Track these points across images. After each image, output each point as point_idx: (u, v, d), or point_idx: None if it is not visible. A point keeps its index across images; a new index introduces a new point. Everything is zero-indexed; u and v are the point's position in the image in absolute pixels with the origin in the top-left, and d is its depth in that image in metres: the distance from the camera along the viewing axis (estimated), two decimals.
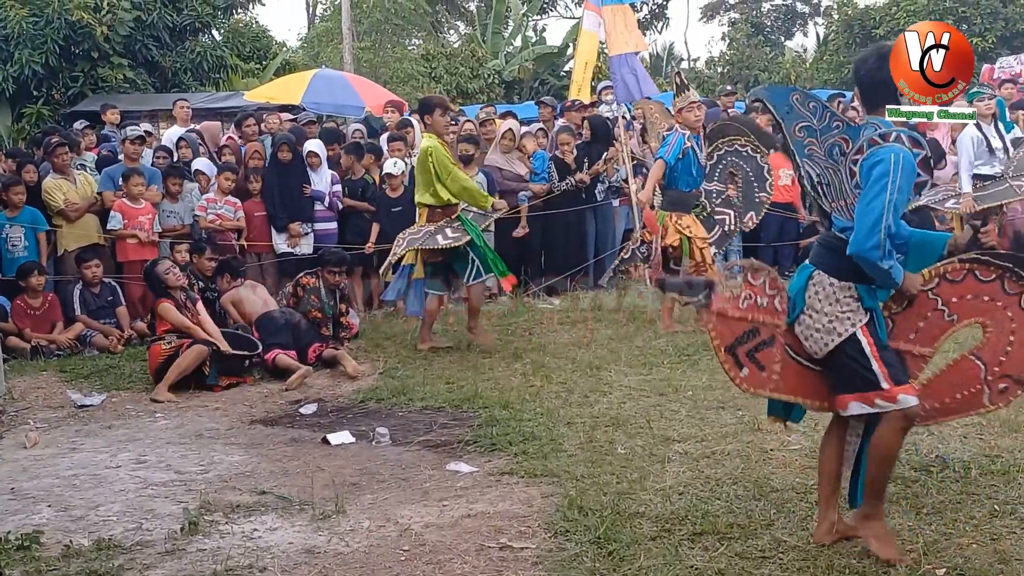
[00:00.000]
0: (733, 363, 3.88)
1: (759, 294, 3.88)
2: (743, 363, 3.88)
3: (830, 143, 3.79)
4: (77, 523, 4.63)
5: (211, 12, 17.97)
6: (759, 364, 3.88)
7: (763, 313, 3.88)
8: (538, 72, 26.81)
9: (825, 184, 3.81)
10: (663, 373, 7.00)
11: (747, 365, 3.88)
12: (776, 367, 3.88)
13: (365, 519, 4.51)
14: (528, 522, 4.36)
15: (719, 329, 3.87)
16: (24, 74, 15.68)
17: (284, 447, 5.85)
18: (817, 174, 3.82)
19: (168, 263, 7.88)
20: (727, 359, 3.89)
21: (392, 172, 10.05)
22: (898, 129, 3.67)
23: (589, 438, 5.53)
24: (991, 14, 25.60)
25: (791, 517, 4.25)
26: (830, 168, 3.79)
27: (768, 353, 3.88)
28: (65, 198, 9.29)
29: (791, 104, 3.87)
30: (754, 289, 3.89)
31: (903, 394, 3.66)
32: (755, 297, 3.88)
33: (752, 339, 3.87)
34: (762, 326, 3.88)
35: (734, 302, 3.87)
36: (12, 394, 7.26)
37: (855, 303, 3.73)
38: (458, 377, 7.24)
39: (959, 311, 3.83)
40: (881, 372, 3.68)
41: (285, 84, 15.67)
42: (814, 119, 3.82)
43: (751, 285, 3.89)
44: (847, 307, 3.73)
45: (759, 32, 37.91)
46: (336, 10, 29.70)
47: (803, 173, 3.85)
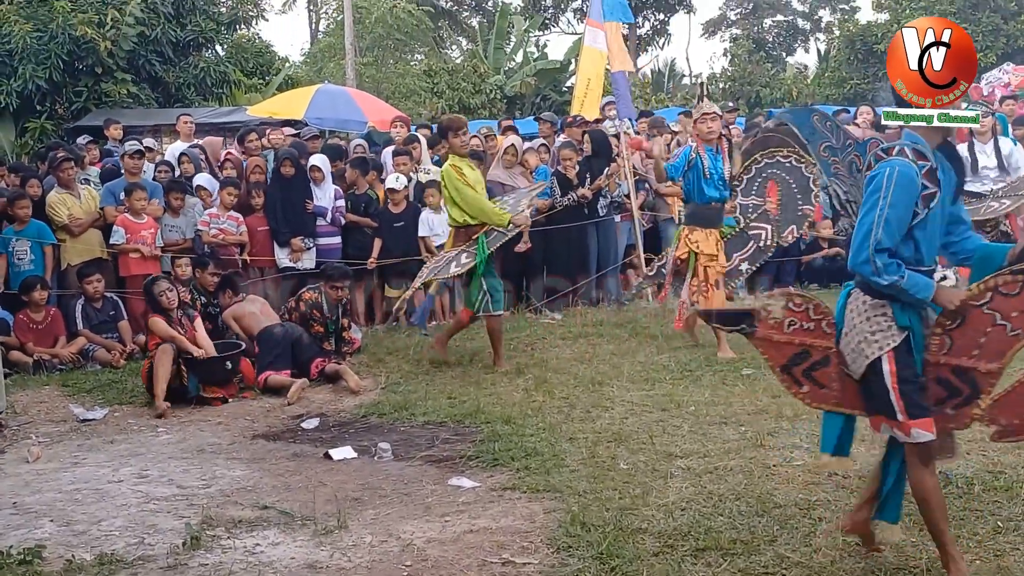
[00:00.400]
0: (791, 381, 3.93)
1: (803, 319, 3.90)
2: (801, 381, 3.91)
3: (848, 160, 3.79)
4: (79, 538, 4.62)
5: (214, 28, 18.06)
6: (818, 383, 3.90)
7: (811, 336, 3.90)
8: (540, 87, 26.89)
9: (852, 202, 3.80)
10: (665, 388, 6.99)
11: (806, 383, 3.91)
12: (835, 384, 3.88)
13: (367, 534, 4.50)
14: (530, 538, 4.35)
15: (769, 352, 3.94)
16: (28, 89, 15.74)
17: (286, 462, 5.85)
18: (844, 192, 3.83)
19: (165, 284, 7.84)
20: (784, 378, 3.94)
21: (395, 187, 10.07)
22: (901, 142, 3.58)
23: (591, 453, 5.53)
24: (992, 31, 25.69)
25: (794, 533, 4.24)
26: (853, 185, 3.78)
27: (825, 372, 3.89)
28: (69, 213, 9.32)
29: (813, 125, 3.88)
30: (797, 315, 3.90)
31: (917, 428, 3.61)
32: (800, 322, 3.89)
33: (805, 360, 3.89)
34: (812, 348, 3.90)
35: (778, 328, 3.91)
36: (14, 408, 7.26)
37: (887, 322, 3.66)
38: (460, 392, 7.24)
39: (1023, 325, 3.62)
40: (898, 404, 3.63)
41: (288, 99, 15.73)
42: (833, 139, 3.83)
43: (793, 311, 3.91)
44: (877, 327, 3.67)
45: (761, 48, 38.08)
46: (339, 25, 29.88)
47: (832, 192, 3.85)
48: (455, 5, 39.22)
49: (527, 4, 33.55)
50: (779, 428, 5.81)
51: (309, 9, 41.13)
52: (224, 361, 7.65)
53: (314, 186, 10.19)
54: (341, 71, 26.72)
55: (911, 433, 3.61)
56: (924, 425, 3.62)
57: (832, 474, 4.82)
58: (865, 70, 27.18)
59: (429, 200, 10.20)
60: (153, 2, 16.67)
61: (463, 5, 39.69)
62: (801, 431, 5.71)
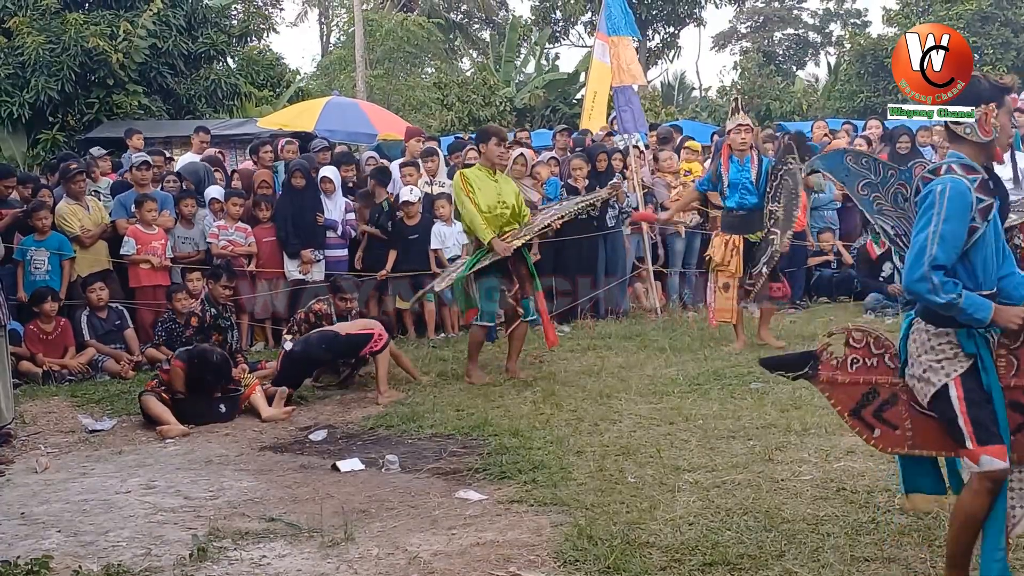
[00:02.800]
0: (863, 426, 3.83)
1: (865, 356, 3.82)
2: (873, 424, 3.81)
3: (893, 192, 3.78)
4: (86, 548, 4.63)
5: (226, 40, 18.15)
6: (889, 424, 3.80)
7: (876, 373, 3.81)
8: (549, 100, 26.94)
9: (902, 234, 3.77)
10: (673, 402, 6.98)
11: (877, 426, 3.81)
12: (907, 423, 3.78)
13: (374, 546, 4.49)
14: (537, 551, 4.34)
15: (836, 396, 3.85)
16: (40, 100, 15.84)
17: (293, 473, 5.85)
18: (892, 226, 3.79)
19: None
20: (855, 423, 3.84)
21: (410, 199, 10.09)
22: (948, 160, 3.61)
23: (599, 467, 5.51)
24: (1003, 44, 25.69)
25: (802, 548, 4.22)
26: (902, 217, 3.76)
27: (895, 411, 3.80)
28: (81, 224, 9.36)
29: (847, 167, 3.87)
30: (858, 352, 3.83)
31: (987, 455, 3.47)
32: (863, 359, 3.82)
33: (874, 400, 3.80)
34: (880, 386, 3.81)
35: (842, 367, 3.83)
36: (23, 419, 7.28)
37: (952, 350, 3.56)
38: (468, 404, 7.23)
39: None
40: (966, 429, 3.51)
41: (298, 111, 15.78)
42: (871, 174, 3.82)
43: (854, 348, 3.84)
44: (943, 355, 3.57)
45: (771, 61, 38.11)
46: (349, 38, 30.01)
47: (879, 228, 3.82)
48: (466, 18, 39.38)
49: (537, 17, 33.61)
50: (787, 442, 5.79)
51: (320, 22, 41.41)
52: (216, 404, 7.35)
53: (325, 198, 10.22)
54: (352, 83, 26.82)
55: (980, 460, 3.48)
56: (995, 452, 3.48)
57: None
58: (875, 84, 27.16)
59: (440, 212, 10.23)
60: (165, 15, 16.76)
61: (474, 18, 39.85)
62: (809, 446, 5.69)
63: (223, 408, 7.30)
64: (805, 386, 6.42)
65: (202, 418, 7.18)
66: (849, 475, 5.15)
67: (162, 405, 7.08)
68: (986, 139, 3.62)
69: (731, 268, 8.74)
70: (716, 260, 8.82)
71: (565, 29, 36.12)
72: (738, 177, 8.72)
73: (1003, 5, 26.66)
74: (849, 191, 3.86)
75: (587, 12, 33.04)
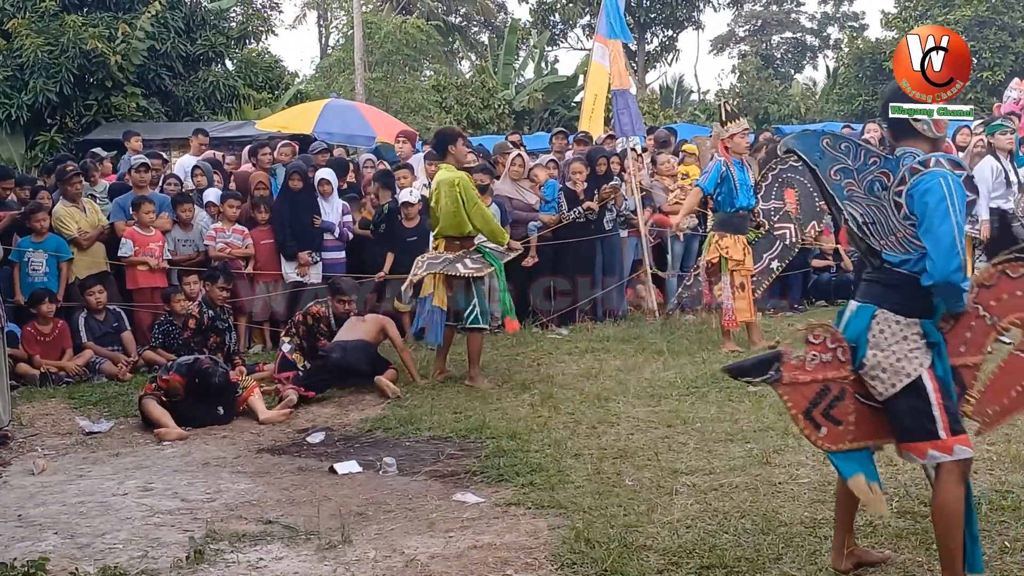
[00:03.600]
0: (812, 426, 3.86)
1: (822, 351, 3.85)
2: (820, 423, 3.86)
3: (869, 180, 3.78)
4: (83, 551, 4.62)
5: (224, 42, 18.14)
6: (835, 420, 3.86)
7: (829, 369, 3.86)
8: (548, 102, 26.97)
9: (871, 223, 3.78)
10: (671, 405, 6.98)
11: (824, 424, 3.86)
12: (851, 417, 3.86)
13: (371, 549, 4.49)
14: (534, 554, 4.34)
15: (793, 397, 3.86)
16: (38, 102, 15.82)
17: (291, 476, 5.84)
18: (861, 214, 3.80)
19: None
20: (805, 424, 3.87)
21: (410, 201, 10.08)
22: (935, 154, 3.70)
23: (596, 470, 5.51)
24: (1001, 48, 25.74)
25: (800, 551, 4.22)
26: (873, 205, 3.77)
27: (842, 407, 3.86)
28: (78, 227, 9.35)
29: (822, 149, 3.88)
30: (816, 348, 3.85)
31: (959, 445, 3.62)
32: (819, 355, 3.85)
33: (825, 397, 3.85)
34: (832, 382, 3.86)
35: (802, 367, 3.85)
36: (20, 421, 7.28)
37: (921, 340, 3.68)
38: (466, 407, 7.23)
39: (998, 311, 3.86)
40: (942, 421, 3.62)
41: (297, 114, 15.77)
42: (848, 159, 3.83)
43: (813, 344, 3.86)
44: (914, 345, 3.67)
45: (769, 65, 38.19)
46: (348, 40, 30.01)
47: (847, 215, 3.84)
48: (465, 21, 39.41)
49: (536, 20, 33.65)
50: (785, 446, 5.79)
51: (319, 24, 41.41)
52: (215, 407, 7.32)
53: (322, 200, 10.22)
54: (350, 85, 26.82)
55: (954, 450, 3.61)
56: (965, 441, 3.64)
57: None
58: (874, 87, 27.21)
59: None
60: (164, 17, 16.74)
61: (473, 21, 39.88)
62: (807, 449, 5.68)
63: (221, 410, 7.29)
64: None
65: (200, 420, 7.17)
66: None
67: (161, 408, 7.07)
68: (939, 135, 3.79)
69: (747, 266, 8.93)
70: (735, 259, 8.85)
71: (564, 32, 36.17)
72: (742, 179, 8.94)
73: (999, 9, 26.72)
74: (820, 174, 3.87)
75: (585, 15, 33.09)
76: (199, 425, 7.14)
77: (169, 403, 7.16)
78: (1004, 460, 5.39)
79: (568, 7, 32.79)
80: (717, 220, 9.12)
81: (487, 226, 7.93)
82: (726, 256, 8.87)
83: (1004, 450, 5.53)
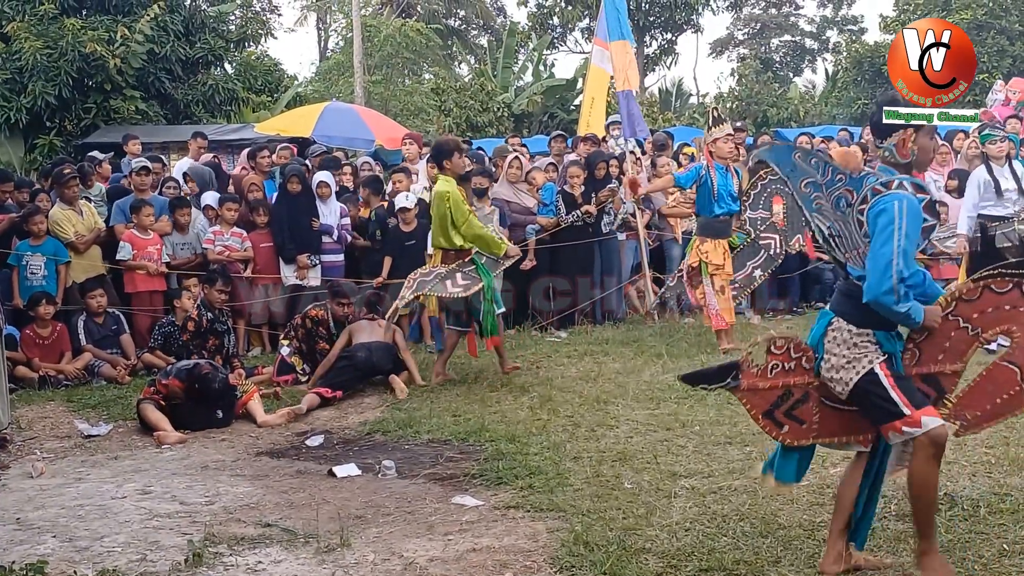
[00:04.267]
0: (772, 424, 3.98)
1: (785, 360, 3.95)
2: (782, 422, 3.97)
3: (836, 195, 3.81)
4: (82, 554, 4.61)
5: (223, 45, 18.15)
6: (798, 420, 3.97)
7: (792, 376, 3.96)
8: (547, 106, 26.97)
9: (836, 236, 3.83)
10: (670, 408, 6.98)
11: (786, 423, 3.97)
12: (815, 417, 3.96)
13: (370, 552, 4.49)
14: (533, 557, 4.34)
15: (753, 400, 3.96)
16: (37, 105, 15.83)
17: (290, 479, 5.84)
18: (828, 227, 3.84)
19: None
20: (766, 423, 3.99)
21: (406, 206, 10.07)
22: (900, 176, 3.73)
23: (595, 472, 5.51)
24: (998, 52, 25.74)
25: (798, 555, 4.22)
26: (839, 220, 3.80)
27: (805, 408, 3.96)
28: (75, 230, 9.35)
29: (794, 162, 3.89)
30: (779, 357, 3.95)
31: (925, 416, 3.71)
32: (782, 364, 3.95)
33: (787, 400, 3.95)
34: (795, 387, 3.96)
35: (763, 374, 3.95)
36: (19, 424, 7.27)
37: (872, 345, 3.80)
38: (465, 410, 7.23)
39: (982, 324, 3.92)
40: (900, 399, 3.73)
41: (296, 117, 15.78)
42: (818, 174, 3.84)
43: (775, 355, 3.95)
44: (864, 349, 3.79)
45: (768, 68, 38.16)
46: (348, 44, 30.02)
47: (814, 227, 3.87)
48: (464, 24, 39.42)
49: (535, 23, 33.65)
50: None
51: (318, 28, 41.40)
52: (214, 410, 7.29)
53: (320, 203, 10.22)
54: (349, 89, 26.82)
55: (922, 421, 3.69)
56: (931, 412, 3.74)
57: None
58: (872, 91, 27.22)
59: None
60: (163, 20, 16.76)
61: (472, 24, 39.89)
62: None
63: (220, 413, 7.28)
64: None
65: (199, 424, 7.16)
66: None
67: (159, 412, 7.06)
68: (904, 161, 3.78)
69: (726, 270, 9.02)
70: (715, 263, 8.93)
71: (563, 35, 36.16)
72: (724, 184, 9.02)
73: (997, 14, 26.73)
74: (791, 186, 3.89)
75: (584, 18, 33.10)
76: (198, 428, 7.12)
77: (168, 406, 7.15)
78: (1003, 463, 5.40)
79: (567, 11, 32.80)
80: (699, 224, 9.25)
81: (479, 241, 7.94)
82: (706, 260, 8.96)
83: (1003, 453, 5.54)
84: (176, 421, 7.05)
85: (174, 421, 7.03)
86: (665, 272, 11.58)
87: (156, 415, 7.03)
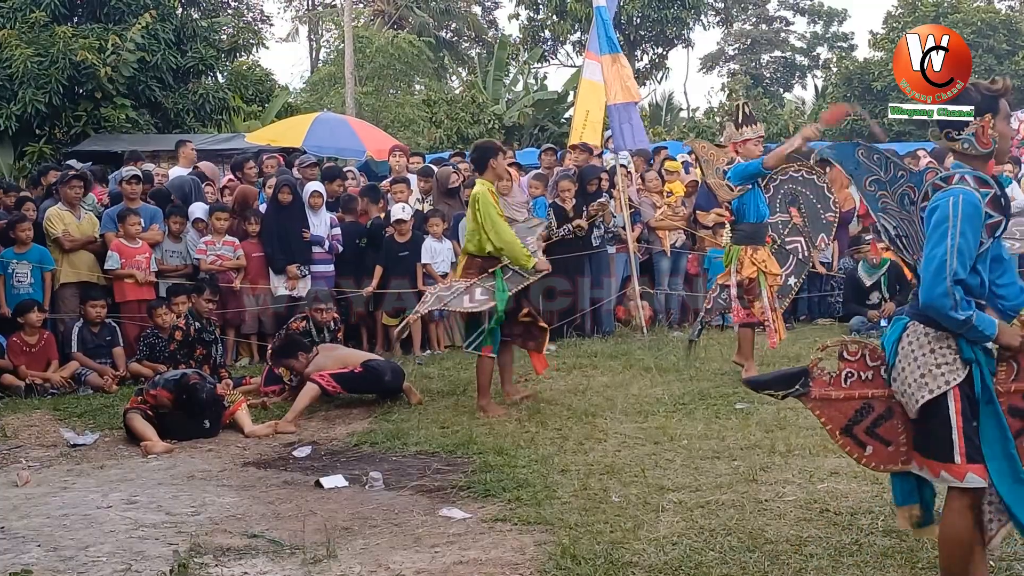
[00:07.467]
0: (854, 444, 3.68)
1: (861, 368, 3.67)
2: (865, 442, 3.67)
3: (899, 193, 3.74)
4: (66, 563, 4.58)
5: (214, 55, 18.15)
6: (883, 440, 3.67)
7: (871, 387, 3.67)
8: (537, 118, 27.01)
9: (904, 236, 3.69)
10: (658, 421, 6.98)
11: (869, 443, 3.67)
12: (902, 439, 3.66)
13: (356, 564, 4.47)
14: (521, 570, 4.33)
15: (827, 414, 3.66)
16: (27, 113, 15.80)
17: (276, 490, 5.82)
18: (894, 227, 3.70)
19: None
20: (845, 442, 3.68)
21: (402, 217, 10.08)
22: (962, 170, 3.55)
23: (583, 486, 5.51)
24: (986, 71, 25.86)
25: (785, 569, 4.22)
26: (905, 219, 3.71)
27: (890, 426, 3.67)
28: (65, 228, 9.31)
29: (857, 159, 3.84)
30: (853, 365, 3.67)
31: (972, 473, 3.44)
32: (857, 372, 3.67)
33: (867, 415, 3.66)
34: (875, 400, 3.66)
35: (836, 383, 3.67)
36: (5, 432, 7.24)
37: (952, 355, 3.48)
38: (453, 422, 7.21)
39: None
40: (959, 445, 3.44)
41: (286, 127, 15.78)
42: (880, 171, 3.80)
43: (848, 361, 3.68)
44: (943, 359, 3.48)
45: (758, 84, 38.36)
46: (339, 55, 30.04)
47: (880, 227, 3.77)
48: (455, 36, 39.50)
49: (526, 36, 33.73)
50: (772, 463, 5.80)
51: (310, 38, 41.44)
52: (202, 421, 7.24)
53: (311, 213, 10.21)
54: (341, 99, 26.84)
55: (966, 478, 3.45)
56: (979, 472, 3.46)
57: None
58: (861, 107, 27.36)
59: (433, 230, 10.25)
60: (154, 28, 16.75)
61: (463, 36, 39.97)
62: (794, 466, 5.70)
63: (207, 424, 7.25)
64: (790, 407, 6.47)
65: (186, 434, 7.13)
66: (833, 496, 5.15)
67: (146, 422, 7.03)
68: (985, 151, 3.59)
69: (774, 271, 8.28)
70: (773, 272, 8.21)
71: (554, 48, 36.23)
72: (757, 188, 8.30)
73: (985, 33, 26.93)
74: (856, 184, 3.86)
75: (575, 32, 33.17)
76: (185, 438, 7.10)
77: (155, 416, 7.12)
78: None
79: (558, 24, 32.87)
80: (743, 233, 8.25)
81: (506, 247, 7.39)
82: (764, 271, 8.16)
83: None
84: (163, 431, 7.02)
85: (161, 431, 7.01)
86: (654, 286, 11.60)
87: (143, 425, 7.00)
